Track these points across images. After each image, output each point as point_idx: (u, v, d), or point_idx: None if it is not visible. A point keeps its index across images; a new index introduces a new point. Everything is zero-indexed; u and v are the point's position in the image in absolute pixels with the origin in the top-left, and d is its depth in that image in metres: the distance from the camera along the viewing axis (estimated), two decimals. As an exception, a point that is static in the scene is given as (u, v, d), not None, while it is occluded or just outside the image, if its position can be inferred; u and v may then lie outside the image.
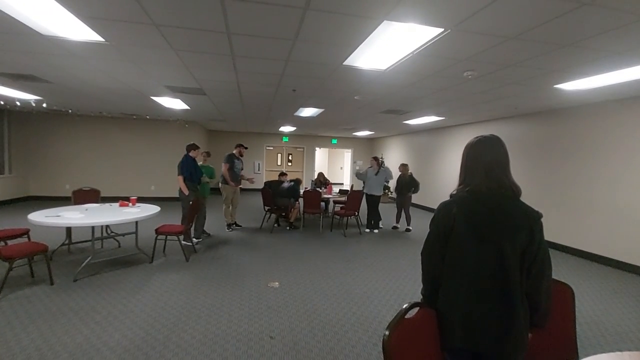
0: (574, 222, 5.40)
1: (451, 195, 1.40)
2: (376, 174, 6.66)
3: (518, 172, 1.35)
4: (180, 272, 4.04)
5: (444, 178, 9.03)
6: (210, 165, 6.29)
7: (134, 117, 9.09)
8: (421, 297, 1.45)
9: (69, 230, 4.52)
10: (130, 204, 4.63)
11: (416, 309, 1.33)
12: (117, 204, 4.63)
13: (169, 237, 4.56)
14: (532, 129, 6.29)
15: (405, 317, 1.25)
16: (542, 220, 1.29)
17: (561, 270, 4.49)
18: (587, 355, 1.38)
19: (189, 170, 5.10)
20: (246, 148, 6.51)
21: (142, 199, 5.22)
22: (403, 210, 7.15)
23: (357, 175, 7.01)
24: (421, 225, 7.32)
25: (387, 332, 1.17)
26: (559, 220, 5.58)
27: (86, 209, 4.27)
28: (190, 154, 5.25)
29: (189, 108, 7.14)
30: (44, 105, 7.24)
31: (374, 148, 14.33)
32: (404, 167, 7.18)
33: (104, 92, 5.65)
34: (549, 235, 1.27)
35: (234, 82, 4.65)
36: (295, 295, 3.48)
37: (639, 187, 4.52)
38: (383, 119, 7.75)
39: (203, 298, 3.33)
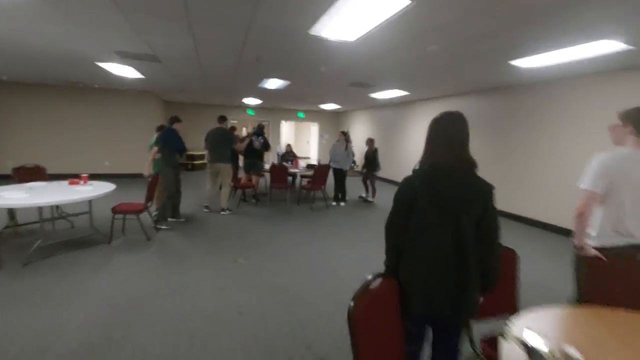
0: (523, 193, 5.87)
1: (414, 170, 1.44)
2: (345, 149, 6.74)
3: (476, 145, 1.41)
4: (143, 251, 3.89)
5: (408, 152, 9.31)
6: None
7: (80, 84, 8.22)
8: (385, 267, 1.51)
9: (11, 211, 4.13)
10: (82, 182, 4.29)
11: (380, 280, 1.39)
12: (66, 182, 4.27)
13: (127, 216, 4.33)
14: (490, 104, 6.59)
15: (370, 287, 1.31)
16: (495, 191, 1.38)
17: (509, 237, 4.91)
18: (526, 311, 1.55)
19: (178, 143, 4.87)
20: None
21: (95, 177, 4.84)
22: (369, 182, 7.36)
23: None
24: (385, 198, 7.58)
25: (352, 303, 1.21)
26: (510, 190, 6.04)
27: (30, 188, 3.89)
28: (174, 126, 4.99)
29: (142, 77, 6.57)
30: (-30, 71, 6.31)
31: (340, 122, 14.32)
32: (370, 141, 7.31)
33: (41, 56, 5.00)
34: (500, 204, 1.37)
35: (192, 50, 4.32)
36: (263, 271, 3.50)
37: (583, 161, 4.93)
38: (350, 92, 7.69)
39: (168, 276, 3.25)
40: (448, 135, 1.38)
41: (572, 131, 5.11)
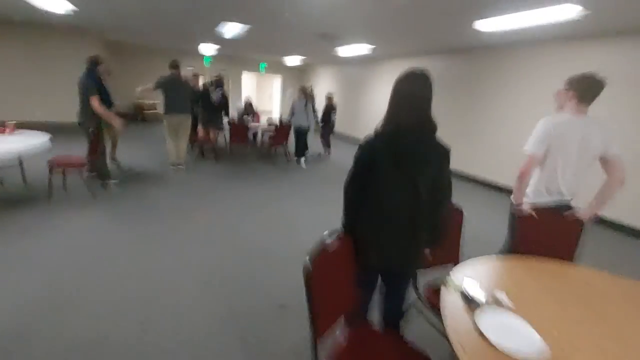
0: (476, 153, 6.22)
1: (375, 130, 1.41)
2: (305, 106, 6.43)
3: (438, 105, 1.40)
4: (88, 210, 3.61)
5: (371, 110, 9.31)
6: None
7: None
8: (341, 226, 1.54)
9: None
10: (8, 131, 3.76)
11: (335, 236, 1.42)
12: (-13, 131, 3.72)
13: (67, 170, 3.93)
14: (454, 65, 6.65)
15: (325, 243, 1.33)
16: (451, 153, 1.41)
17: (459, 194, 5.28)
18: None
19: (99, 89, 4.08)
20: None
21: (24, 126, 4.24)
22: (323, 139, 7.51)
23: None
24: (345, 156, 7.67)
25: (307, 259, 1.23)
26: (464, 150, 6.37)
27: (-60, 138, 3.35)
28: (99, 68, 4.22)
29: (76, 9, 5.61)
30: None
31: (304, 77, 13.76)
32: (329, 99, 7.29)
33: None
34: (456, 164, 1.42)
35: (133, -20, 3.71)
36: (221, 227, 3.46)
37: (524, 121, 5.23)
38: (315, 44, 7.28)
39: (119, 236, 3.08)
40: (412, 96, 1.36)
41: (526, 95, 5.37)
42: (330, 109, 7.45)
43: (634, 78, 4.11)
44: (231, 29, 6.27)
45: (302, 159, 6.70)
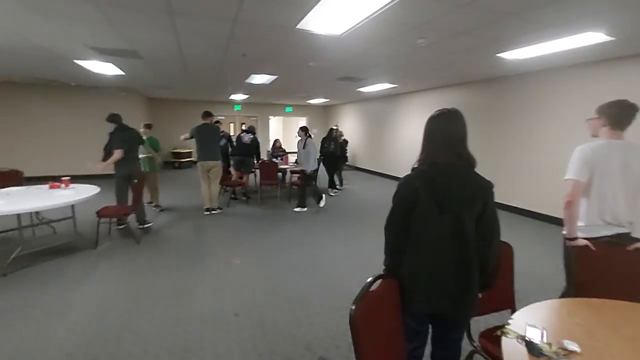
0: (507, 182, 5.95)
1: (413, 169, 1.42)
2: (304, 147, 5.88)
3: (468, 138, 1.41)
4: (131, 255, 3.77)
5: (396, 144, 9.34)
6: (154, 137, 5.73)
7: (55, 83, 7.87)
8: (384, 268, 1.49)
9: (-12, 219, 3.92)
10: (63, 186, 4.12)
11: (379, 281, 1.37)
12: (46, 186, 4.09)
13: (114, 219, 4.19)
14: (477, 96, 6.65)
15: (370, 289, 1.29)
16: (494, 188, 1.37)
17: (503, 228, 5.01)
18: (521, 303, 1.57)
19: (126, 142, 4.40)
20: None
21: (77, 178, 4.65)
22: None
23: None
24: (370, 189, 7.60)
25: (353, 307, 1.19)
26: (501, 182, 6.12)
27: (7, 194, 3.72)
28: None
29: (123, 74, 6.34)
30: None
31: (329, 116, 14.26)
32: (332, 131, 7.55)
33: (11, 53, 4.74)
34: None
35: (175, 45, 4.17)
36: (257, 271, 3.46)
37: (562, 150, 5.05)
38: (338, 86, 7.63)
39: (159, 281, 3.17)
40: (447, 133, 1.37)
41: (553, 121, 5.20)
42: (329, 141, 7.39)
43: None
44: (259, 79, 6.75)
45: (301, 208, 5.94)
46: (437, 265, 1.35)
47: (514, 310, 1.76)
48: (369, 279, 1.32)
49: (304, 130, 6.03)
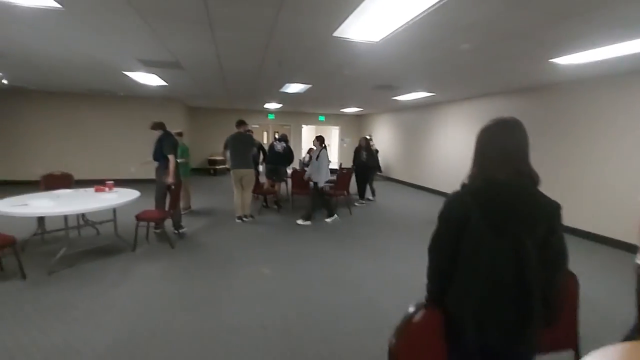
0: (575, 203, 5.19)
1: (463, 185, 1.25)
2: (317, 158, 5.56)
3: None
4: (166, 260, 3.85)
5: (431, 155, 8.96)
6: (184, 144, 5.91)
7: (106, 94, 8.51)
8: (427, 293, 1.33)
9: (40, 218, 4.22)
10: (107, 189, 4.34)
11: (422, 311, 1.21)
12: (92, 189, 4.33)
13: (151, 223, 4.34)
14: (523, 106, 6.19)
15: (412, 320, 1.14)
16: (562, 210, 1.17)
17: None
18: (586, 343, 1.32)
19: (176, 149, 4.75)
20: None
21: (121, 182, 4.90)
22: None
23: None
24: (401, 202, 7.30)
25: (393, 340, 1.06)
26: (559, 201, 5.60)
27: (58, 196, 3.96)
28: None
29: (166, 84, 6.68)
30: (4, 81, 6.62)
31: (362, 125, 14.11)
32: (366, 140, 7.49)
33: (66, 66, 5.15)
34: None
35: (214, 55, 4.29)
36: (287, 281, 3.38)
37: (627, 166, 4.46)
38: (372, 94, 7.49)
39: (191, 287, 3.18)
40: (504, 145, 1.20)
41: (614, 134, 4.67)
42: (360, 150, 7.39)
43: None
44: (293, 88, 6.80)
45: (305, 221, 5.62)
46: (492, 296, 1.17)
47: (577, 351, 1.51)
48: (411, 309, 1.17)
49: (319, 140, 5.74)
